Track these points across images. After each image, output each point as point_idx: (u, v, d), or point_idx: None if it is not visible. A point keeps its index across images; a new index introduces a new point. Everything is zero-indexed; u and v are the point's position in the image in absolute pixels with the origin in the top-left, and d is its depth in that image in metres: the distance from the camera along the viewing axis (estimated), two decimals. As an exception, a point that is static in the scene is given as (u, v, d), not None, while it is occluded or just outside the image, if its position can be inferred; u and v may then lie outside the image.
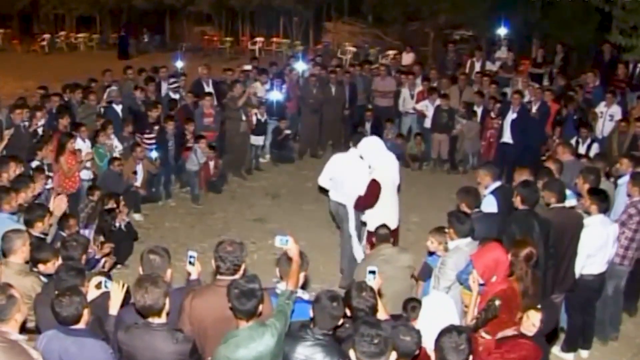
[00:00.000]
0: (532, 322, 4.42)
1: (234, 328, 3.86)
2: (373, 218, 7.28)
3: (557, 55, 15.20)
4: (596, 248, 6.09)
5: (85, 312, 3.94)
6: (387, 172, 7.39)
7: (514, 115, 11.06)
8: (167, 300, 3.93)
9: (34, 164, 8.14)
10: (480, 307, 4.87)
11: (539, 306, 4.47)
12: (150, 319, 3.89)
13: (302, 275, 4.60)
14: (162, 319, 3.93)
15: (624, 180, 7.13)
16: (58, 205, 6.29)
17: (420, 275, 6.40)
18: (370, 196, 7.24)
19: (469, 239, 5.56)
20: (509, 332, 4.64)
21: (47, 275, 4.90)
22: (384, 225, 6.19)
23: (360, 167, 7.45)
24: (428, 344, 4.02)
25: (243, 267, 4.32)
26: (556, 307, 6.34)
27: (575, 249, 6.11)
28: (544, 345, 4.64)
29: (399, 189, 7.80)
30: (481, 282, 5.07)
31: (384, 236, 6.09)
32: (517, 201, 5.96)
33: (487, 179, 6.72)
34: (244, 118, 11.70)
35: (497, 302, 4.63)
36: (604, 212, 6.19)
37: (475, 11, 20.10)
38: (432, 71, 14.13)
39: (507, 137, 11.21)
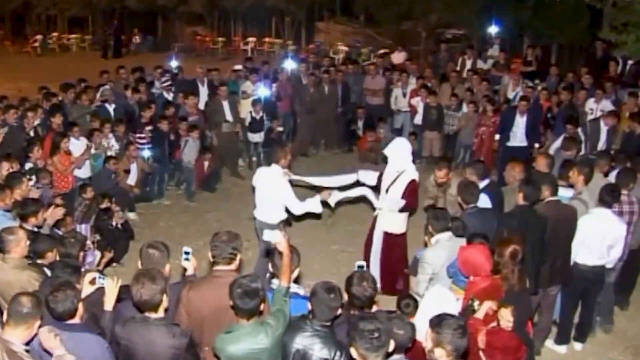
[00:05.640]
0: (506, 319, 4.55)
1: (231, 318, 3.89)
2: (399, 219, 7.33)
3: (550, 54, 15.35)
4: (590, 237, 6.12)
5: (80, 306, 3.97)
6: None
7: (524, 120, 10.93)
8: (165, 297, 3.94)
9: (27, 165, 8.14)
10: (464, 302, 4.99)
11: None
12: (147, 314, 3.92)
13: (296, 272, 4.62)
14: (160, 314, 3.95)
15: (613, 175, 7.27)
16: (53, 214, 6.37)
17: (411, 269, 6.48)
18: (413, 194, 7.17)
19: (448, 234, 5.69)
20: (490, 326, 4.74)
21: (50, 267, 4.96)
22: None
23: (282, 184, 7.08)
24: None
25: (239, 257, 4.35)
26: (551, 300, 6.45)
27: (570, 242, 6.16)
28: (527, 340, 4.73)
29: None
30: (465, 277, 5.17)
31: None
32: (519, 197, 6.02)
33: (474, 177, 6.77)
34: (229, 119, 11.79)
35: (476, 305, 4.73)
36: (608, 207, 6.18)
37: (467, 10, 20.19)
38: (427, 70, 14.14)
39: (518, 141, 11.01)
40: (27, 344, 3.83)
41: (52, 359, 3.74)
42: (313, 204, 7.17)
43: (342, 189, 7.52)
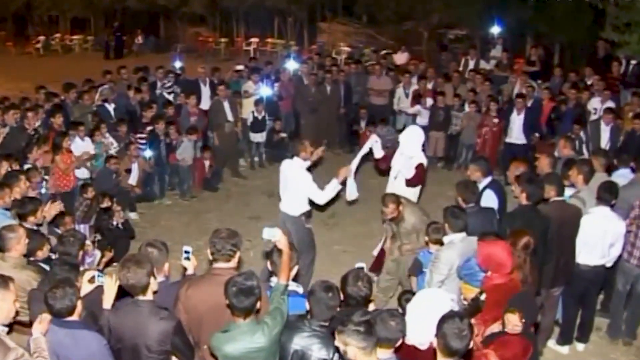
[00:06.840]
0: (513, 323, 4.44)
1: (230, 316, 3.85)
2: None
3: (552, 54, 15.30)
4: (592, 236, 6.09)
5: (79, 303, 3.97)
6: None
7: (522, 118, 10.96)
8: (153, 280, 4.01)
9: (26, 166, 8.10)
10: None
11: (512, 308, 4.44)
12: (136, 297, 3.99)
13: (294, 269, 4.58)
14: (148, 297, 4.00)
15: (619, 173, 7.24)
16: (51, 209, 6.36)
17: (411, 270, 6.43)
18: (418, 175, 7.36)
19: (463, 234, 5.58)
20: (495, 327, 4.68)
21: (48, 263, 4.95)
22: None
23: (303, 176, 7.00)
24: (418, 338, 4.02)
25: (238, 255, 4.32)
26: (554, 300, 6.40)
27: (574, 242, 6.13)
28: (532, 337, 4.67)
29: None
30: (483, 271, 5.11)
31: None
32: (522, 197, 5.97)
33: (477, 174, 6.76)
34: (230, 119, 11.77)
35: (483, 297, 4.68)
36: (606, 204, 6.14)
37: (469, 10, 20.15)
38: (430, 69, 14.13)
39: (514, 138, 11.09)
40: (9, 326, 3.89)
41: (30, 339, 3.81)
42: (332, 186, 7.03)
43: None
